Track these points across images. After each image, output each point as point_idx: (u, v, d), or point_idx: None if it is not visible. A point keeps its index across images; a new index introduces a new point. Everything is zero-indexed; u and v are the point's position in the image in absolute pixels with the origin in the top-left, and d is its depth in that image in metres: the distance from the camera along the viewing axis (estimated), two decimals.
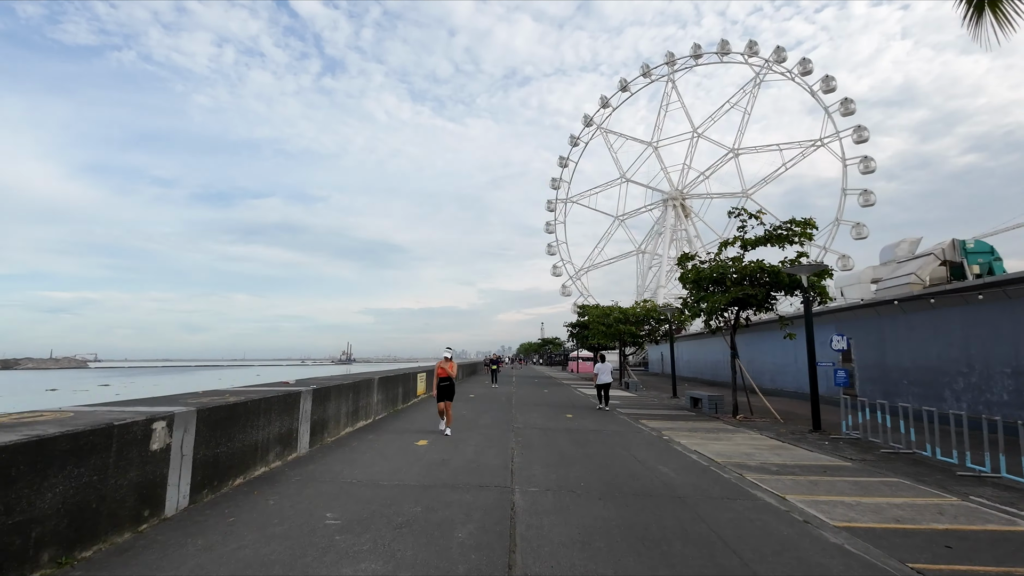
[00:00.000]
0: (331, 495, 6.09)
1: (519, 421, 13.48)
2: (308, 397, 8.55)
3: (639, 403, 19.91)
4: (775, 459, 9.32)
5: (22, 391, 54.56)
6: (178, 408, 5.33)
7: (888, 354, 17.66)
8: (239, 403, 6.39)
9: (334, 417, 9.88)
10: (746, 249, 16.27)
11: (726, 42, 71.54)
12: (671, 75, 75.68)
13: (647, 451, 9.72)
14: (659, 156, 75.84)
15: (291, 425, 7.89)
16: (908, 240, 24.67)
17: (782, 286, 15.02)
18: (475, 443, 9.99)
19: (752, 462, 9.00)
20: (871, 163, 63.10)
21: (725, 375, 34.13)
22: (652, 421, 14.35)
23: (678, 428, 13.10)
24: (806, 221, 15.21)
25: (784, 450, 10.29)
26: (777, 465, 8.79)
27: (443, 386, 10.85)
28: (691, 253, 17.52)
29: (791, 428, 13.40)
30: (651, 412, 16.79)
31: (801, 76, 66.23)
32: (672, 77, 75.64)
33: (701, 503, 6.29)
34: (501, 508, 5.80)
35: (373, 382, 12.61)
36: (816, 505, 6.40)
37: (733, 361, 16.28)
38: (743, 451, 10.12)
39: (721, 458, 9.29)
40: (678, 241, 75.62)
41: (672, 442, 10.94)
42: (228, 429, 6.13)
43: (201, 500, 5.58)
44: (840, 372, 11.89)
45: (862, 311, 19.44)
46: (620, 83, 77.15)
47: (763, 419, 15.18)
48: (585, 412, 16.12)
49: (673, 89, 74.87)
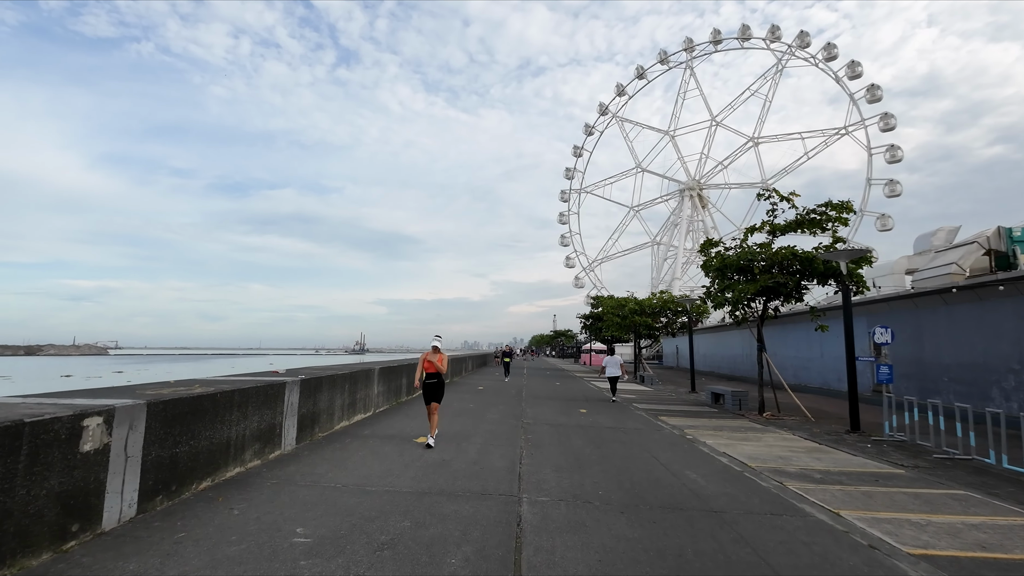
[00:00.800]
0: (308, 503, 5.24)
1: (529, 416, 12.58)
2: (295, 389, 7.72)
3: (656, 398, 18.90)
4: (816, 464, 8.31)
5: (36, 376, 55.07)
6: (120, 401, 4.49)
7: (926, 349, 16.43)
8: (205, 395, 5.55)
9: (326, 410, 9.05)
10: (774, 235, 15.13)
11: (747, 27, 69.30)
12: (689, 62, 73.65)
13: (670, 453, 8.76)
14: (676, 145, 74.06)
15: (274, 419, 7.07)
16: (945, 228, 23.21)
17: (815, 274, 13.87)
18: (480, 440, 9.10)
19: (790, 468, 8.00)
20: (898, 152, 60.85)
21: (744, 369, 32.93)
22: (673, 418, 13.36)
23: (701, 426, 12.11)
24: (842, 204, 14.02)
25: (823, 453, 9.26)
26: (820, 472, 7.77)
27: (430, 384, 8.67)
28: (715, 239, 16.40)
29: (825, 428, 12.32)
30: (670, 408, 15.79)
31: (825, 62, 63.95)
32: (691, 64, 73.61)
33: (741, 520, 5.33)
34: (505, 524, 4.90)
35: (373, 372, 11.78)
36: (878, 524, 5.41)
37: (760, 355, 15.20)
38: (777, 454, 9.11)
39: (754, 462, 8.30)
40: (694, 232, 73.91)
41: (697, 442, 9.96)
42: (191, 425, 5.30)
43: (153, 508, 4.76)
44: (883, 368, 10.80)
45: (897, 303, 18.19)
46: (637, 70, 75.29)
47: (792, 417, 14.11)
48: (600, 407, 15.18)
49: (692, 76, 72.87)
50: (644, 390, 22.29)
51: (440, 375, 8.68)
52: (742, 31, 69.48)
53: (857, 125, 63.12)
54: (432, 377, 8.67)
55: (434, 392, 8.70)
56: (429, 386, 8.68)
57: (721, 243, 16.25)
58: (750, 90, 70.88)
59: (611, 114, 76.48)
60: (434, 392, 8.70)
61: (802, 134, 68.78)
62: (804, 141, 68.15)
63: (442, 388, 8.79)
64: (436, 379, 8.67)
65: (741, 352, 33.86)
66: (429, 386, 8.68)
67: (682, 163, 73.77)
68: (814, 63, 65.58)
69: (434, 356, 8.64)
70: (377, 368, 12.10)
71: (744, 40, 69.83)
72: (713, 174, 73.13)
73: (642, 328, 29.54)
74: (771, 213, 15.02)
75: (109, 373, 60.16)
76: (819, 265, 13.51)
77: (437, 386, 8.71)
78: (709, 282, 16.50)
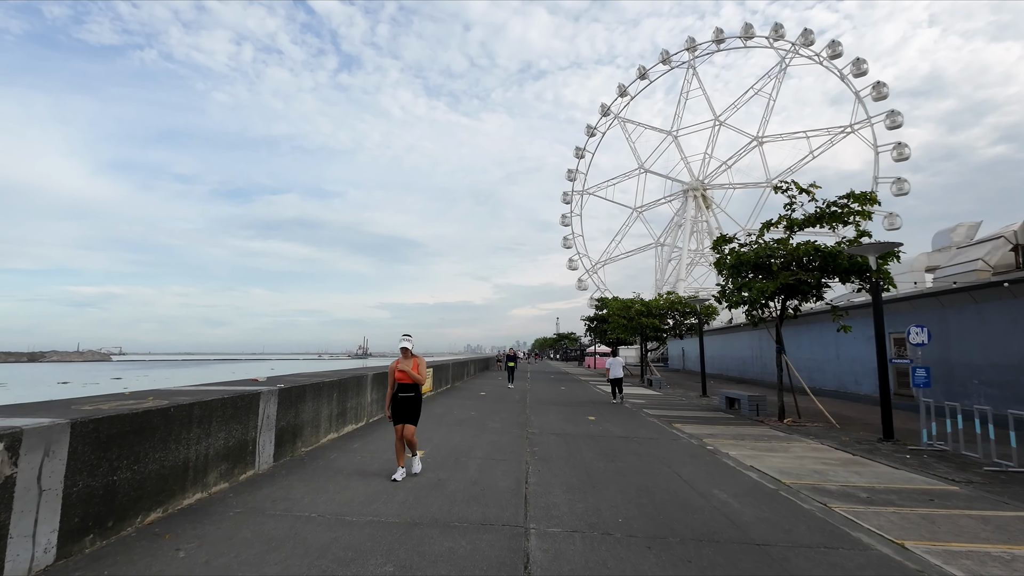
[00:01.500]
0: (273, 540, 4.38)
1: (534, 425, 11.71)
2: (272, 399, 6.87)
3: (667, 403, 18.00)
4: (857, 479, 7.41)
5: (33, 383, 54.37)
6: (32, 421, 3.65)
7: (953, 350, 15.51)
8: (156, 410, 4.71)
9: (311, 422, 8.19)
10: (792, 230, 14.25)
11: (750, 26, 68.57)
12: (692, 61, 72.88)
13: (693, 467, 7.87)
14: (679, 145, 73.19)
15: (245, 435, 6.21)
16: (965, 224, 22.32)
17: (838, 271, 12.97)
18: (481, 455, 8.23)
19: (830, 484, 7.11)
20: (905, 149, 59.97)
21: (754, 372, 31.95)
22: (688, 425, 12.47)
23: (720, 435, 11.21)
24: (865, 195, 13.14)
25: (861, 466, 8.36)
26: (864, 489, 6.88)
27: (404, 400, 6.60)
28: (729, 236, 15.52)
29: (853, 436, 11.41)
30: (683, 414, 14.89)
31: (830, 60, 63.15)
32: (693, 63, 72.82)
33: (791, 555, 4.45)
34: (510, 565, 4.03)
35: (366, 379, 10.92)
36: (955, 560, 4.52)
37: (779, 357, 14.30)
38: (810, 467, 8.22)
39: (787, 477, 7.41)
40: (698, 233, 73.03)
41: (719, 453, 9.08)
42: (136, 447, 4.45)
43: (79, 551, 3.91)
44: (919, 371, 9.90)
45: (920, 301, 17.28)
46: (639, 70, 74.54)
47: (815, 424, 13.20)
48: (608, 413, 14.29)
49: (694, 76, 72.06)
50: (653, 394, 21.39)
51: (417, 387, 6.67)
52: (744, 30, 68.74)
53: (863, 123, 62.24)
54: (406, 390, 6.61)
55: (408, 410, 6.57)
56: (402, 402, 6.57)
57: (735, 239, 15.36)
58: (753, 89, 70.08)
59: (613, 115, 75.71)
60: (408, 410, 6.57)
61: (807, 133, 67.90)
62: (809, 140, 67.26)
63: (418, 404, 6.70)
64: (412, 392, 6.64)
65: (750, 354, 32.91)
66: (402, 402, 6.57)
67: (685, 163, 72.93)
68: (818, 61, 64.79)
69: (406, 362, 6.63)
70: (370, 375, 11.24)
71: (747, 39, 69.06)
72: (717, 174, 72.23)
73: (649, 330, 28.63)
74: (789, 207, 14.15)
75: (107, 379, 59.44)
76: (843, 261, 12.62)
77: (412, 402, 6.62)
78: (722, 281, 15.62)
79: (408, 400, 6.63)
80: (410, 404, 6.64)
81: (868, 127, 61.61)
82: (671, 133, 73.24)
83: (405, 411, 6.59)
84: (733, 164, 71.89)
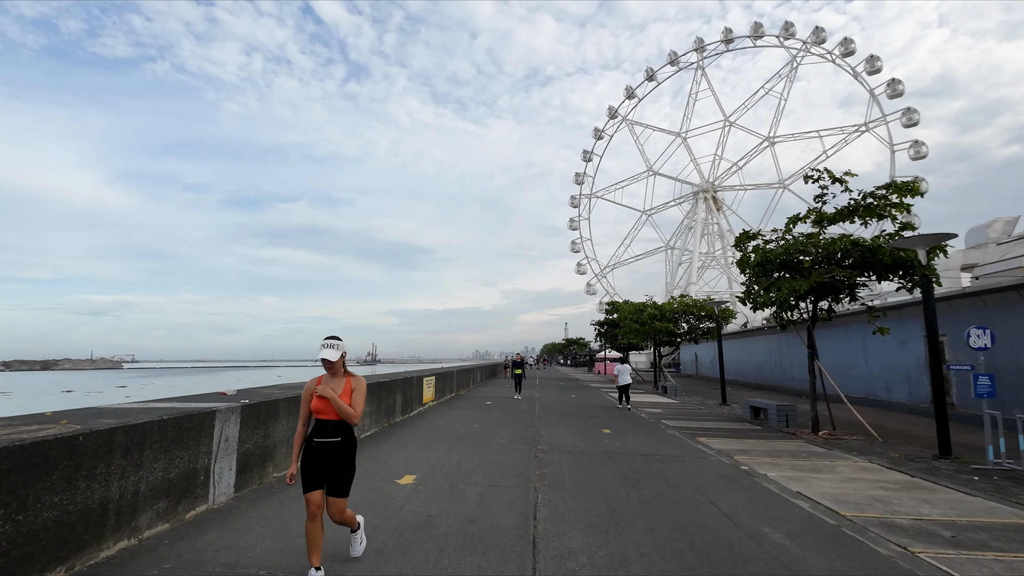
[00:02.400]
0: None
1: (544, 440, 10.57)
2: (232, 418, 5.80)
3: (686, 412, 16.76)
4: (930, 511, 6.20)
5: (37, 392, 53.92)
6: None
7: (1000, 354, 14.17)
8: (59, 440, 3.65)
9: (286, 442, 7.12)
10: (822, 224, 13.04)
11: (759, 25, 67.34)
12: (700, 62, 71.73)
13: (730, 495, 6.70)
14: (688, 147, 71.91)
15: (194, 463, 5.14)
16: (1002, 220, 20.97)
17: (879, 267, 11.75)
18: (483, 479, 7.11)
19: (900, 518, 5.91)
20: (922, 148, 58.34)
21: (772, 378, 30.55)
22: (713, 440, 11.27)
23: (752, 451, 10.01)
24: (907, 185, 11.92)
25: (927, 492, 7.14)
26: (945, 525, 5.68)
27: (322, 448, 3.83)
28: (753, 231, 14.32)
29: (903, 452, 10.16)
30: (705, 426, 13.67)
31: (842, 58, 61.76)
32: (702, 64, 71.68)
33: None
34: None
35: None
36: None
37: (811, 362, 13.06)
38: (868, 493, 7.01)
39: (846, 508, 6.22)
40: (709, 236, 71.64)
41: (756, 475, 7.89)
42: (20, 489, 3.40)
43: None
44: (982, 379, 8.67)
45: (959, 302, 15.98)
46: (646, 72, 73.47)
47: (853, 437, 11.94)
48: (625, 425, 13.11)
49: (703, 77, 70.87)
50: (669, 402, 20.14)
51: (346, 427, 3.88)
52: (754, 29, 67.53)
53: (878, 121, 60.72)
54: (327, 431, 3.81)
55: (332, 467, 3.82)
56: (320, 453, 3.81)
57: (760, 235, 14.16)
58: (764, 89, 68.78)
59: (620, 117, 74.65)
60: (332, 467, 3.82)
61: (820, 132, 66.45)
62: (822, 140, 65.78)
63: (350, 457, 3.90)
64: (338, 437, 3.83)
65: (768, 359, 31.53)
66: (320, 453, 3.81)
67: (695, 165, 71.61)
68: (830, 59, 63.47)
69: (333, 382, 3.87)
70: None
71: (757, 38, 67.81)
72: (727, 176, 70.87)
73: (662, 335, 27.39)
74: (819, 199, 12.97)
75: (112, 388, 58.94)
76: (885, 256, 11.40)
77: (339, 453, 3.84)
78: (746, 280, 14.42)
79: (332, 450, 3.79)
80: (335, 457, 3.80)
81: (883, 125, 60.06)
82: (680, 135, 72.02)
83: (326, 469, 3.79)
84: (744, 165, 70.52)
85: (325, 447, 3.82)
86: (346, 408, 3.78)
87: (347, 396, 3.85)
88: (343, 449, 3.87)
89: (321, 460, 3.82)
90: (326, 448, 3.82)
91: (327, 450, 3.82)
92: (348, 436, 3.92)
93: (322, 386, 3.82)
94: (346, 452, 3.89)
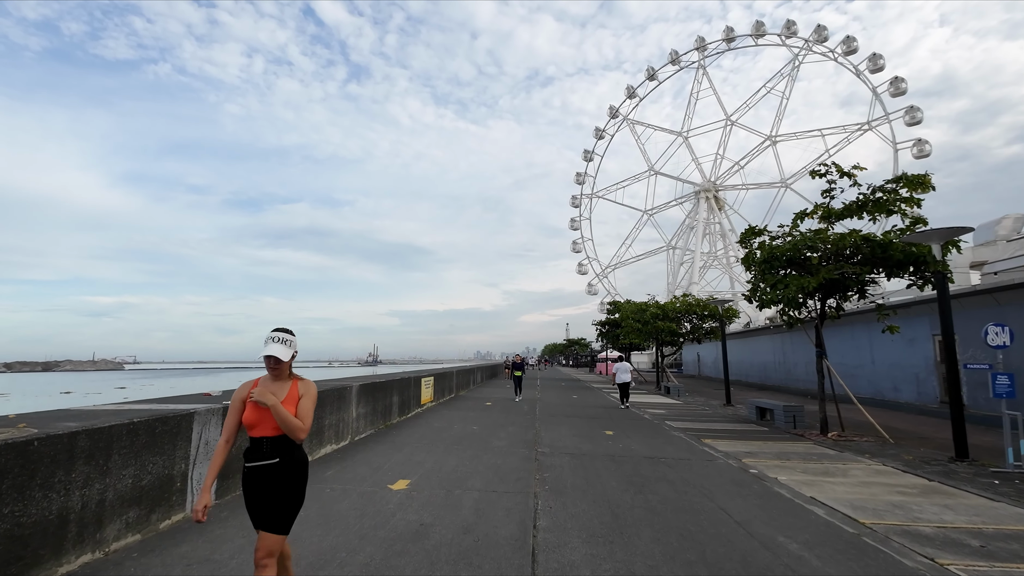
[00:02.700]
0: None
1: (544, 442, 10.22)
2: (212, 421, 5.46)
3: (690, 413, 16.40)
4: (954, 518, 5.84)
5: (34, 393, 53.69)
6: None
7: (1013, 352, 13.79)
8: (8, 445, 3.32)
9: None
10: (830, 220, 12.69)
11: (761, 23, 66.99)
12: (702, 61, 71.38)
13: (741, 500, 6.35)
14: (690, 147, 71.56)
15: (170, 468, 4.81)
16: (1011, 216, 20.59)
17: (891, 263, 11.40)
18: (480, 484, 6.77)
19: (923, 526, 5.56)
20: (925, 146, 57.98)
21: (776, 378, 30.15)
22: (720, 442, 10.91)
23: (760, 453, 9.66)
24: (918, 178, 11.57)
25: (947, 497, 6.78)
26: (972, 533, 5.32)
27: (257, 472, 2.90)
28: (758, 227, 13.95)
29: (916, 454, 9.80)
30: (711, 427, 13.31)
31: (845, 56, 61.37)
32: (703, 63, 71.31)
33: None
34: None
35: (349, 391, 9.50)
36: None
37: (820, 362, 12.70)
38: (885, 498, 6.66)
39: (864, 515, 5.87)
40: (711, 235, 71.29)
41: (766, 479, 7.54)
42: None
43: None
44: (1001, 378, 8.33)
45: (969, 300, 15.62)
46: (647, 71, 73.15)
47: (863, 439, 11.58)
48: (627, 426, 12.76)
49: (704, 76, 70.49)
50: (672, 403, 19.77)
51: (290, 444, 2.96)
52: (756, 27, 67.19)
53: (881, 120, 60.38)
54: (263, 452, 2.91)
55: (270, 496, 2.90)
56: (255, 477, 2.92)
57: (766, 232, 13.79)
58: (766, 87, 68.42)
59: (621, 117, 74.33)
60: (270, 496, 2.90)
61: (822, 131, 66.06)
62: (824, 138, 65.37)
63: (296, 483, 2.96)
64: (275, 458, 2.91)
65: (772, 359, 31.14)
66: (255, 477, 2.92)
67: (696, 164, 71.24)
68: (833, 57, 63.15)
69: (275, 387, 3.00)
70: (355, 386, 9.81)
71: (758, 37, 67.45)
72: (729, 175, 70.50)
73: (665, 335, 27.02)
74: (827, 194, 12.62)
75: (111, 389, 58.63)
76: (896, 252, 11.04)
77: (280, 478, 2.91)
78: (752, 277, 14.06)
79: (269, 474, 2.90)
80: (273, 482, 2.90)
81: (886, 124, 59.67)
82: (681, 134, 71.68)
83: (264, 498, 2.89)
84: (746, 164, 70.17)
85: (260, 473, 2.89)
86: (290, 420, 2.84)
87: (292, 404, 2.95)
88: (284, 472, 2.90)
89: (258, 486, 2.90)
90: (262, 473, 2.89)
91: (263, 476, 2.89)
92: (292, 455, 2.95)
93: (259, 389, 2.94)
94: (289, 476, 2.92)
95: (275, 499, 2.90)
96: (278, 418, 2.85)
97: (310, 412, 3.01)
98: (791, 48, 65.13)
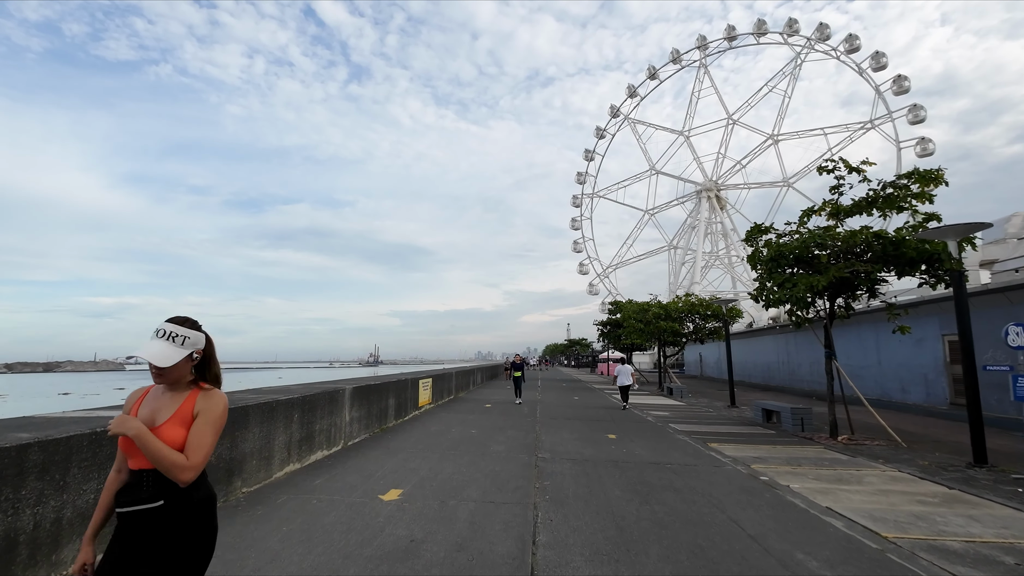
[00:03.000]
0: None
1: (545, 446, 9.86)
2: None
3: (694, 415, 16.03)
4: (982, 531, 5.47)
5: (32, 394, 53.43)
6: None
7: None
8: None
9: (258, 453, 6.42)
10: (839, 217, 12.33)
11: (763, 22, 66.60)
12: (703, 59, 70.98)
13: (752, 510, 5.98)
14: (691, 146, 71.19)
15: None
16: (1021, 214, 20.19)
17: (903, 261, 11.03)
18: (477, 494, 6.40)
19: (950, 540, 5.19)
20: (929, 145, 57.50)
21: (780, 379, 29.76)
22: (726, 446, 10.54)
23: (769, 458, 9.29)
24: (930, 174, 11.20)
25: (971, 507, 6.41)
26: (1004, 549, 4.95)
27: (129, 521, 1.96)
28: (764, 225, 13.58)
29: (932, 459, 9.42)
30: (716, 430, 12.94)
31: (847, 54, 60.96)
32: (704, 62, 70.92)
33: None
34: None
35: (342, 394, 9.14)
36: None
37: (829, 363, 12.34)
38: (906, 508, 6.29)
39: (885, 528, 5.50)
40: (713, 235, 70.92)
41: (778, 487, 7.17)
42: None
43: None
44: (1022, 380, 7.95)
45: (981, 299, 15.25)
46: (648, 70, 72.73)
47: (875, 442, 11.21)
48: (630, 429, 12.39)
49: (706, 75, 70.09)
50: (676, 404, 19.41)
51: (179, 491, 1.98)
52: (757, 26, 66.81)
53: (884, 118, 59.90)
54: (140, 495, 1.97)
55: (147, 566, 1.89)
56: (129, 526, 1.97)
57: (772, 229, 13.42)
58: (768, 86, 68.04)
59: (623, 116, 73.95)
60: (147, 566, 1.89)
61: (824, 130, 65.65)
62: (827, 137, 64.94)
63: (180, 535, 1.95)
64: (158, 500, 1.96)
65: (776, 359, 30.77)
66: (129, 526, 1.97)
67: (698, 163, 70.86)
68: (835, 56, 62.72)
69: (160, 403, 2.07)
70: (349, 388, 9.45)
71: (760, 35, 67.06)
72: (731, 174, 70.12)
73: (667, 335, 26.65)
74: (835, 190, 12.27)
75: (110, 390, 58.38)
76: (909, 249, 10.67)
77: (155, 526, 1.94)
78: (758, 276, 13.69)
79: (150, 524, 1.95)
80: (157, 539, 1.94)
81: (889, 122, 59.23)
82: (683, 133, 71.31)
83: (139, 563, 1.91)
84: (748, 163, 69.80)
85: (137, 521, 1.95)
86: (163, 453, 1.89)
87: (181, 426, 2.01)
88: (172, 522, 1.96)
89: (131, 549, 1.93)
90: (139, 523, 1.95)
91: (141, 526, 1.95)
92: (186, 495, 2.00)
93: (145, 405, 2.11)
94: (179, 528, 1.97)
95: (156, 565, 1.90)
96: (144, 451, 1.87)
97: (207, 440, 2.01)
98: (793, 47, 64.72)
